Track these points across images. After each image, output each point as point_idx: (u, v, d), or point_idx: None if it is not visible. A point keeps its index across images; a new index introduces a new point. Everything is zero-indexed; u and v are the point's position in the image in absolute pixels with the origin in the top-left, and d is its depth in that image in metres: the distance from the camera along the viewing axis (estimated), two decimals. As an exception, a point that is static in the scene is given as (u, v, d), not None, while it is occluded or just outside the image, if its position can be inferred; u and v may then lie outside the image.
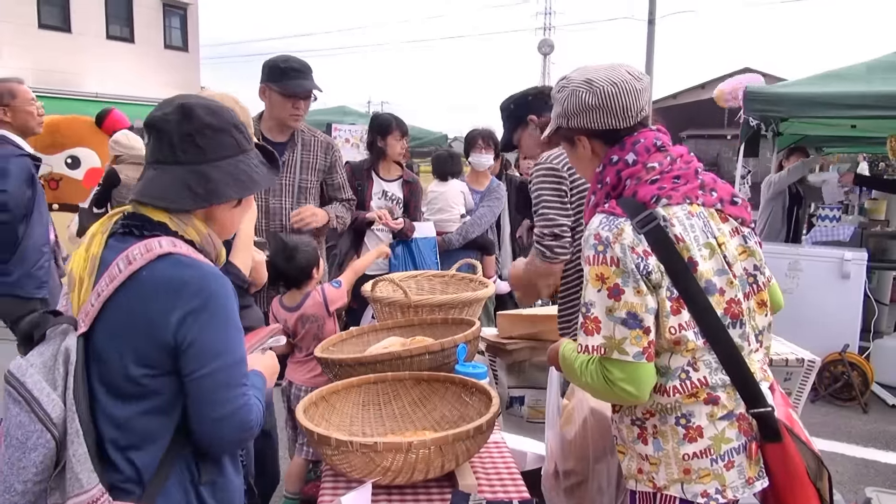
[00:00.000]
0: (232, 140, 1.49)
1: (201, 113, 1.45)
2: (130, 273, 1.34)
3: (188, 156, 1.44)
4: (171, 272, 1.36)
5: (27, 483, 1.29)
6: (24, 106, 3.60)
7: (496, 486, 1.83)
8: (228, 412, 1.37)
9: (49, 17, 16.97)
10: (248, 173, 1.50)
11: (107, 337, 1.35)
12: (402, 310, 2.70)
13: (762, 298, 1.61)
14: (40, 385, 1.29)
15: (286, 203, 3.18)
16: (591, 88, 1.61)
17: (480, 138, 4.63)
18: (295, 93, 3.08)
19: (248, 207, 1.62)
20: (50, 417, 1.28)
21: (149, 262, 1.35)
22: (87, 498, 1.28)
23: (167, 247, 1.37)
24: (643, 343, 1.46)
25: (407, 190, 4.04)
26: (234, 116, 1.52)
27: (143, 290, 1.34)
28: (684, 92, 18.90)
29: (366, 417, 2.09)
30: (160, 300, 1.34)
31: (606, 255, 1.49)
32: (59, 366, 1.32)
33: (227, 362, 1.38)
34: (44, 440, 1.28)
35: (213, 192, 1.44)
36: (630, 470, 1.63)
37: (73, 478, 1.28)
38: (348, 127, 9.33)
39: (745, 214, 1.62)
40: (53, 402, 1.29)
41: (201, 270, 1.39)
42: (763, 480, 1.55)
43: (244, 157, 1.51)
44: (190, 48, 20.87)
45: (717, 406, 1.53)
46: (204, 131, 1.44)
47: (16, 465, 1.28)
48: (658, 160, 1.58)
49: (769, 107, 5.20)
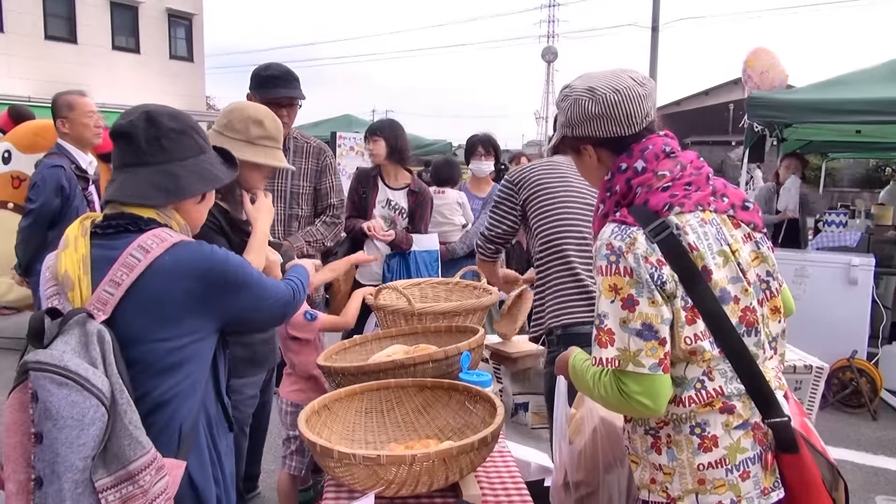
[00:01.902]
0: (193, 141, 1.65)
1: (165, 119, 1.60)
2: (152, 260, 1.49)
3: (156, 157, 1.58)
4: (192, 256, 1.55)
5: (87, 459, 1.36)
6: (81, 118, 3.84)
7: (501, 496, 1.81)
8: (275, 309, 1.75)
9: (55, 29, 17.11)
10: (211, 170, 1.67)
11: (135, 319, 1.49)
12: (405, 318, 2.68)
13: (775, 305, 1.58)
14: (83, 365, 1.38)
15: (278, 208, 3.16)
16: (594, 97, 1.58)
17: (480, 145, 4.61)
18: (274, 99, 3.06)
19: (210, 202, 1.76)
20: (102, 391, 1.38)
21: (167, 248, 1.51)
22: (149, 457, 1.42)
23: (176, 236, 1.56)
24: (659, 354, 1.43)
25: (413, 200, 3.86)
26: (193, 121, 1.69)
27: (173, 272, 1.51)
28: (688, 98, 18.93)
29: (368, 425, 2.07)
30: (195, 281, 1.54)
31: (619, 266, 1.45)
32: (94, 347, 1.42)
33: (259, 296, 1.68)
34: (99, 414, 1.37)
35: (183, 188, 1.61)
36: (642, 480, 1.60)
37: (133, 442, 1.40)
38: (353, 135, 9.35)
39: (756, 219, 1.59)
40: (100, 379, 1.39)
41: (210, 249, 1.59)
42: (779, 491, 1.51)
43: (205, 156, 1.68)
44: (195, 58, 20.99)
45: (732, 415, 1.49)
46: (168, 134, 1.59)
47: (75, 443, 1.35)
48: (668, 167, 1.55)
49: (774, 113, 5.20)
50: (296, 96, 3.14)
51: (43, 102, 15.47)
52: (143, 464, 1.41)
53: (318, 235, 3.24)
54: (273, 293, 1.74)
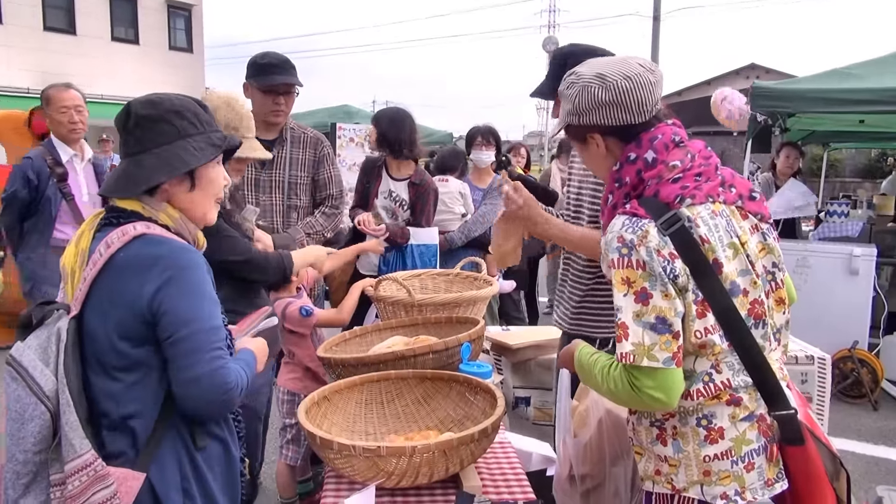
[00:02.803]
0: (170, 128, 1.57)
1: (138, 108, 1.57)
2: (109, 256, 1.46)
3: (131, 148, 1.57)
4: (144, 250, 1.48)
5: (27, 453, 1.40)
6: (55, 114, 3.80)
7: (501, 487, 1.80)
8: (202, 373, 1.44)
9: (54, 20, 17.05)
10: (182, 156, 1.56)
11: (95, 316, 1.48)
12: (405, 309, 2.67)
13: (780, 296, 1.57)
14: (34, 362, 1.42)
15: (276, 199, 3.15)
16: (604, 83, 1.54)
17: (480, 135, 4.58)
18: (271, 86, 3.04)
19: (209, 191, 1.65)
20: (43, 390, 1.40)
21: (125, 244, 1.47)
22: (81, 462, 1.38)
23: (141, 229, 1.50)
24: (673, 348, 1.41)
25: (413, 192, 3.73)
26: (176, 104, 1.59)
27: (121, 269, 1.46)
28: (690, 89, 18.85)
29: (368, 416, 2.06)
30: (135, 276, 1.45)
31: (632, 259, 1.43)
32: (52, 345, 1.45)
33: (199, 328, 1.47)
34: (38, 411, 1.40)
35: (143, 178, 1.54)
36: (647, 471, 1.59)
37: (68, 444, 1.39)
38: (353, 126, 9.32)
39: (763, 210, 1.57)
40: (46, 377, 1.41)
41: (171, 246, 1.50)
42: (783, 483, 1.51)
43: (185, 141, 1.58)
44: (195, 49, 20.92)
45: (738, 407, 1.49)
46: (141, 123, 1.56)
47: (16, 436, 1.40)
48: (679, 157, 1.52)
49: (777, 103, 5.17)
50: (293, 83, 3.11)
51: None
52: (74, 468, 1.38)
53: (318, 227, 3.22)
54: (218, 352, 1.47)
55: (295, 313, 2.69)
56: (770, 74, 20.50)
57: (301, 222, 3.21)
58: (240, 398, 1.53)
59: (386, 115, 3.77)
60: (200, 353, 1.45)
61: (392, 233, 3.56)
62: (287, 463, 2.86)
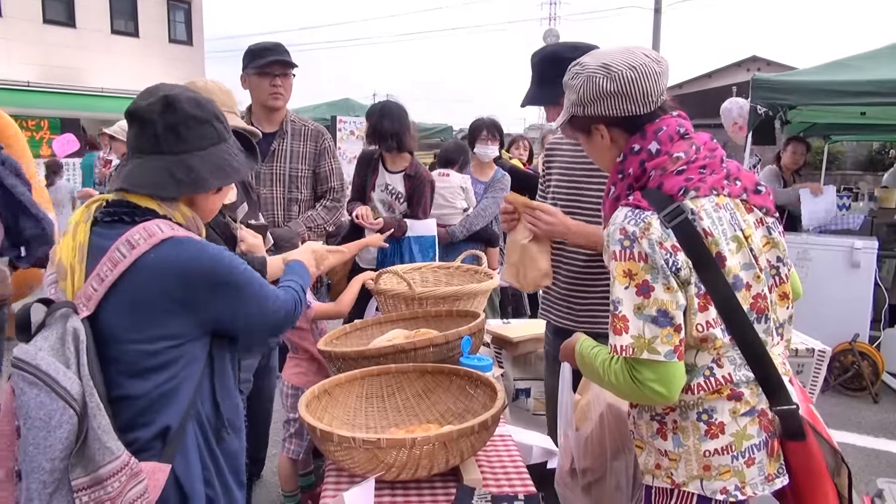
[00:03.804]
0: (213, 130, 1.56)
1: (185, 105, 1.52)
2: (136, 257, 1.42)
3: (172, 146, 1.50)
4: (177, 254, 1.45)
5: (55, 461, 1.33)
6: None
7: (501, 480, 1.81)
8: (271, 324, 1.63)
9: (54, 13, 16.98)
10: (229, 161, 1.58)
11: (117, 317, 1.43)
12: (406, 302, 2.67)
13: (784, 291, 1.56)
14: (55, 365, 1.34)
15: (277, 192, 3.14)
16: (609, 73, 1.52)
17: (485, 129, 4.57)
18: (268, 66, 3.04)
19: (227, 192, 1.69)
20: (70, 394, 1.34)
21: (153, 245, 1.43)
22: (119, 463, 1.37)
23: (167, 231, 1.46)
24: (674, 341, 1.41)
25: (409, 184, 3.74)
26: (216, 108, 1.60)
27: (154, 271, 1.43)
28: (690, 81, 18.79)
29: (369, 410, 2.06)
30: (177, 282, 1.44)
31: (634, 251, 1.42)
32: (69, 345, 1.37)
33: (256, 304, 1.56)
34: (67, 416, 1.33)
35: (197, 181, 1.52)
36: (647, 465, 1.59)
37: (102, 447, 1.35)
38: (353, 119, 9.31)
39: (768, 204, 1.56)
40: (71, 380, 1.35)
41: (200, 247, 1.49)
42: (783, 478, 1.50)
43: (225, 145, 1.59)
44: (194, 42, 20.86)
45: (739, 402, 1.48)
46: (188, 122, 1.51)
47: (42, 445, 1.32)
48: (683, 149, 1.51)
49: (777, 95, 5.16)
50: (288, 61, 3.11)
51: (42, 87, 15.49)
52: (112, 469, 1.36)
53: (320, 220, 3.22)
54: (273, 300, 1.62)
55: None
56: (771, 67, 20.42)
57: (302, 216, 3.20)
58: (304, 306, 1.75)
59: (377, 109, 3.77)
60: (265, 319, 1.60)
61: (389, 225, 3.57)
62: (289, 456, 2.87)
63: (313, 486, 3.07)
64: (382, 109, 3.73)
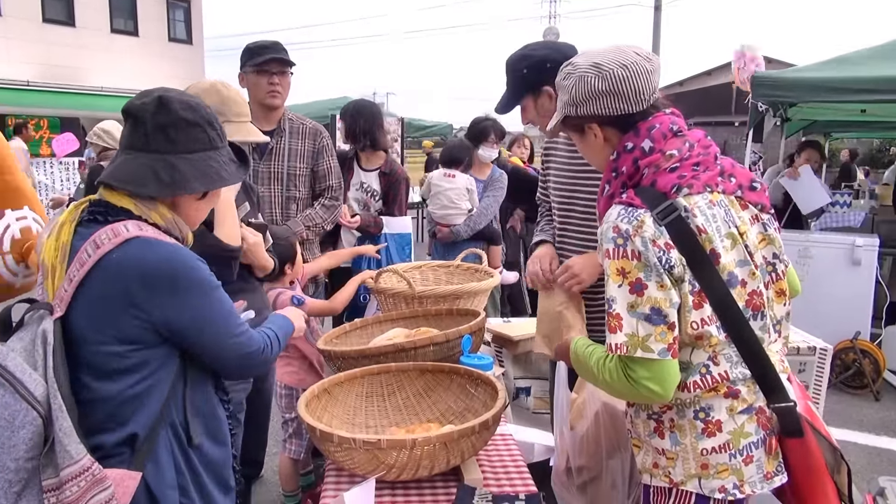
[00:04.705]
0: (204, 135, 1.55)
1: (177, 107, 1.51)
2: (100, 256, 1.40)
3: (159, 145, 1.49)
4: (142, 254, 1.42)
5: (18, 461, 1.35)
6: None
7: (502, 479, 1.80)
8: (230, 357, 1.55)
9: (53, 12, 16.96)
10: (217, 169, 1.56)
11: (84, 318, 1.42)
12: (406, 301, 2.66)
13: (781, 287, 1.55)
14: (22, 366, 1.36)
15: (275, 190, 3.14)
16: (601, 73, 1.53)
17: (493, 132, 4.59)
18: (264, 64, 3.04)
19: (214, 200, 1.67)
20: (34, 395, 1.35)
21: (117, 245, 1.41)
22: (78, 468, 1.36)
23: (134, 230, 1.43)
24: (668, 339, 1.41)
25: (384, 182, 3.75)
26: (211, 114, 1.58)
27: (117, 272, 1.41)
28: (691, 79, 18.74)
29: (369, 409, 2.06)
30: (135, 281, 1.41)
31: (627, 249, 1.43)
32: (38, 347, 1.39)
33: (216, 327, 1.51)
34: (30, 418, 1.35)
35: (178, 182, 1.50)
36: (645, 464, 1.59)
37: (62, 450, 1.35)
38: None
39: (764, 200, 1.56)
40: (35, 382, 1.36)
41: (168, 250, 1.46)
42: (782, 476, 1.50)
43: (215, 153, 1.57)
44: (194, 41, 20.82)
45: (737, 400, 1.48)
46: (178, 124, 1.50)
47: (6, 444, 1.34)
48: (677, 146, 1.51)
49: (778, 92, 5.15)
50: (284, 58, 3.10)
51: (41, 86, 15.45)
52: (71, 473, 1.35)
53: (318, 219, 3.21)
54: (241, 326, 1.56)
55: (286, 302, 2.69)
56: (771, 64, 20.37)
57: (300, 214, 3.20)
58: (275, 354, 1.67)
59: (349, 108, 3.79)
60: (223, 345, 1.53)
61: (365, 223, 3.61)
62: (290, 456, 2.86)
63: (313, 486, 3.07)
64: (355, 109, 3.75)
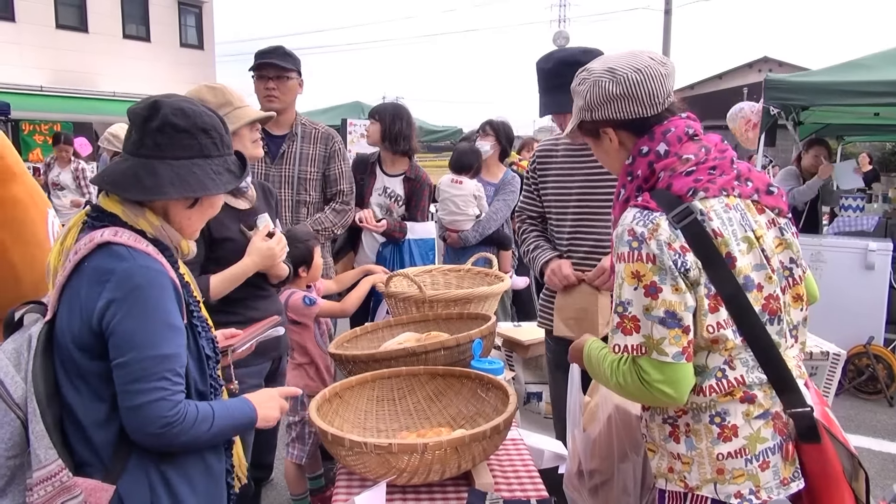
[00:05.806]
0: (194, 142, 1.51)
1: (168, 111, 1.49)
2: (76, 263, 1.42)
3: (147, 150, 1.49)
4: (103, 262, 1.41)
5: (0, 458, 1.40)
6: None
7: (514, 484, 1.79)
8: (141, 403, 1.37)
9: (66, 18, 17.12)
10: (199, 176, 1.50)
11: (62, 322, 1.44)
12: (416, 305, 2.66)
13: (798, 292, 1.55)
14: (6, 368, 1.41)
15: (286, 194, 3.15)
16: (615, 77, 1.54)
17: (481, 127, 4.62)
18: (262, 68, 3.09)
19: (208, 211, 1.62)
20: (12, 397, 1.40)
21: (90, 251, 1.42)
22: (45, 473, 1.37)
23: (107, 236, 1.43)
24: (683, 342, 1.40)
25: (408, 187, 3.73)
26: (209, 122, 1.54)
27: (83, 278, 1.42)
28: (702, 82, 18.70)
29: (380, 413, 2.06)
30: (92, 288, 1.40)
31: (642, 252, 1.42)
32: (24, 350, 1.43)
33: (145, 355, 1.38)
34: (9, 418, 1.40)
35: (153, 188, 1.47)
36: (660, 469, 1.58)
37: (33, 453, 1.38)
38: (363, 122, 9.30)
39: (781, 205, 1.55)
40: (16, 384, 1.40)
41: (131, 262, 1.41)
42: (798, 482, 1.49)
43: (204, 161, 1.53)
44: (205, 46, 20.95)
45: (753, 405, 1.47)
46: (164, 129, 1.48)
47: None
48: (692, 150, 1.51)
49: (790, 95, 5.12)
50: (277, 64, 3.10)
51: (54, 92, 15.58)
52: (39, 477, 1.36)
53: (328, 223, 3.22)
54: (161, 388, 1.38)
55: (298, 302, 2.70)
56: (783, 67, 20.32)
57: (311, 219, 3.20)
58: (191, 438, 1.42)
59: (387, 109, 3.77)
60: (142, 381, 1.37)
61: (391, 227, 3.59)
62: (293, 461, 2.86)
63: (323, 489, 3.07)
64: (395, 110, 3.74)
